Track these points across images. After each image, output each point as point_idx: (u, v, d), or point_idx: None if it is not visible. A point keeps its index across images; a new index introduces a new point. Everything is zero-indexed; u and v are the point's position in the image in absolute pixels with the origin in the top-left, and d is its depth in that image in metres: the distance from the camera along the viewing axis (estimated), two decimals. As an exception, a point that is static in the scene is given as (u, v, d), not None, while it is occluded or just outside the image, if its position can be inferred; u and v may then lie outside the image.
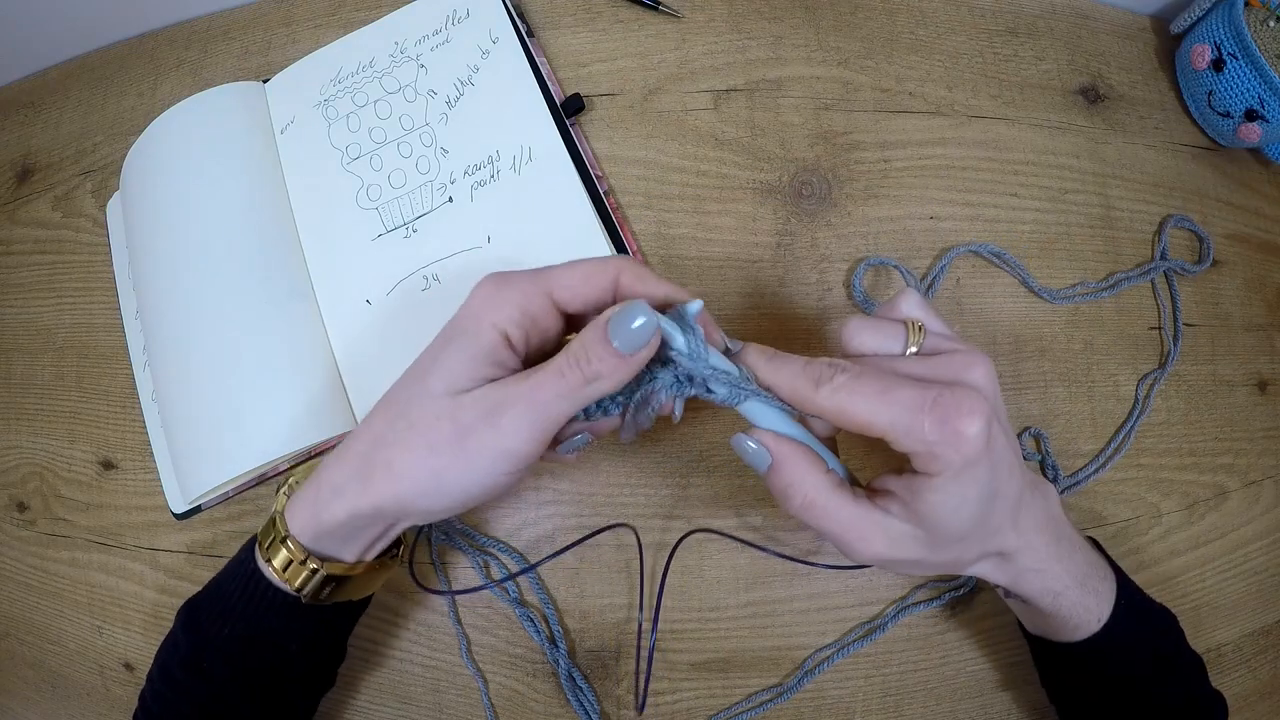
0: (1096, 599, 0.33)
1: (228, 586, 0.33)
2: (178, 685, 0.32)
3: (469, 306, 0.29)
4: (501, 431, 0.27)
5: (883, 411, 0.26)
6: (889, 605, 0.42)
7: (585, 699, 0.41)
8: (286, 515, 0.31)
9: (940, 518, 0.27)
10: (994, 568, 0.31)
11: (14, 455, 0.50)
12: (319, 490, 0.31)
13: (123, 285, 0.49)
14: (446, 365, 0.28)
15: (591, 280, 0.29)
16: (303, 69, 0.48)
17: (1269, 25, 0.43)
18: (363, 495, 0.29)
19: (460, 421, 0.27)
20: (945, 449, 0.25)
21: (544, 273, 0.29)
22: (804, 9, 0.48)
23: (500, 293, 0.28)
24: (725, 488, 0.42)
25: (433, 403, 0.28)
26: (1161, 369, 0.45)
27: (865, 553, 0.28)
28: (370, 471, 0.29)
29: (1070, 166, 0.47)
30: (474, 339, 0.28)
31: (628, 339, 0.26)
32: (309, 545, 0.31)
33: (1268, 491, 0.46)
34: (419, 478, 0.28)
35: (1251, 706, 0.44)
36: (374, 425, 0.30)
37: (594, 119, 0.46)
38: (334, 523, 0.30)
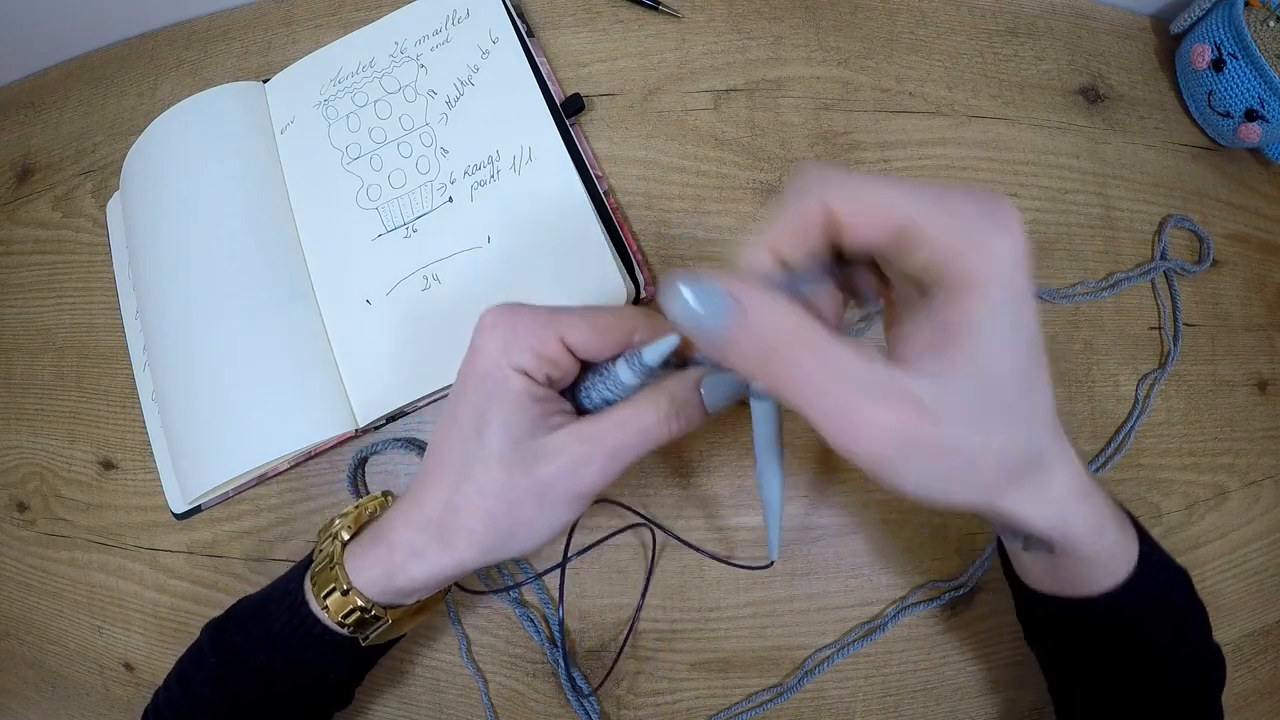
0: (1128, 536, 0.28)
1: (271, 616, 0.33)
2: (201, 701, 0.32)
3: (485, 354, 0.28)
4: (582, 478, 0.28)
5: (914, 198, 0.20)
6: (889, 605, 0.42)
7: (585, 699, 0.41)
8: (349, 568, 0.31)
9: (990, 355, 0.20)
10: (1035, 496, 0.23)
11: (14, 455, 0.50)
12: (391, 551, 0.30)
13: (123, 285, 0.49)
14: (496, 420, 0.28)
15: (606, 336, 0.29)
16: (303, 69, 0.48)
17: (1269, 25, 0.43)
18: (444, 558, 0.29)
19: (539, 476, 0.28)
20: (996, 238, 0.19)
21: (556, 318, 0.28)
22: (804, 9, 0.48)
23: (514, 338, 0.28)
24: (725, 488, 0.42)
25: (500, 462, 0.28)
26: (1161, 369, 0.45)
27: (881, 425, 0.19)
28: (450, 536, 0.29)
29: (1070, 166, 0.47)
30: (508, 388, 0.28)
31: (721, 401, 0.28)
32: (377, 599, 0.31)
33: (1268, 491, 0.46)
34: (502, 532, 0.29)
35: (1251, 706, 0.44)
36: (439, 490, 0.29)
37: (594, 119, 0.46)
38: (411, 585, 0.30)
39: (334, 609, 0.31)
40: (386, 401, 0.42)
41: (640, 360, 0.28)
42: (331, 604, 0.31)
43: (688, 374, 0.28)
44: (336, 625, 0.31)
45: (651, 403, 0.28)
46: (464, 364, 0.29)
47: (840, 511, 0.42)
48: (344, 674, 0.34)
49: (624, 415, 0.28)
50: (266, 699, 0.32)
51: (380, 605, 0.31)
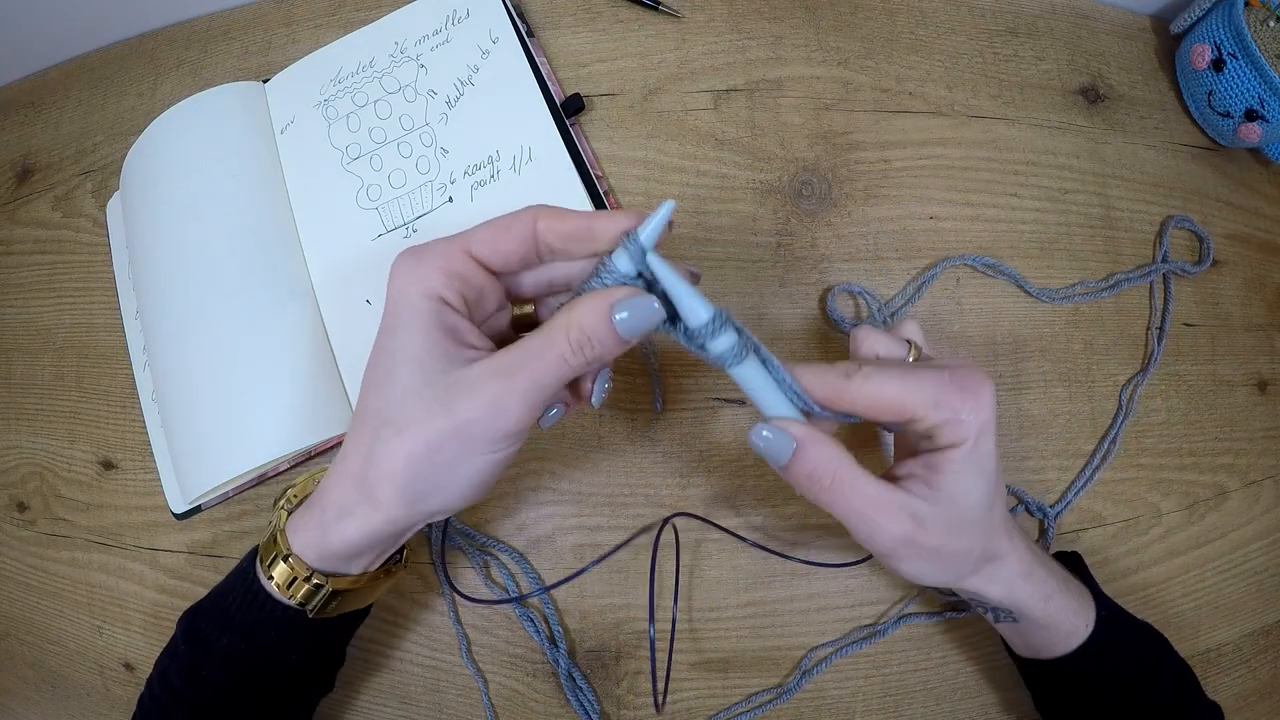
0: (1081, 602, 0.34)
1: (228, 597, 0.33)
2: (176, 692, 0.32)
3: (392, 287, 0.28)
4: (505, 415, 0.27)
5: (912, 390, 0.28)
6: (890, 606, 0.42)
7: (585, 699, 0.41)
8: (288, 533, 0.31)
9: (960, 489, 0.29)
10: (990, 577, 0.32)
11: (14, 455, 0.50)
12: (324, 512, 0.30)
13: (123, 285, 0.49)
14: (406, 354, 0.27)
15: (509, 232, 0.28)
16: (303, 69, 0.48)
17: (1269, 25, 0.43)
18: (373, 513, 0.29)
19: (458, 414, 0.27)
20: (968, 414, 0.28)
21: (460, 234, 0.28)
22: (804, 9, 0.48)
23: (420, 262, 0.28)
24: (725, 488, 0.42)
25: (414, 399, 0.27)
26: (1143, 373, 0.45)
27: (891, 533, 0.28)
28: (373, 489, 0.28)
29: (1070, 166, 0.47)
30: (414, 317, 0.27)
31: (632, 327, 0.26)
32: (313, 564, 0.31)
33: (1268, 491, 0.46)
34: (424, 477, 0.28)
35: (1251, 706, 0.44)
36: (360, 439, 0.29)
37: (594, 119, 0.46)
38: (344, 543, 0.30)
39: (279, 580, 0.31)
40: (386, 401, 0.42)
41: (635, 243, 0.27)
42: (277, 575, 0.31)
43: (599, 295, 0.27)
44: (284, 598, 0.31)
45: (561, 329, 0.27)
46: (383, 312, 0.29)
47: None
48: (303, 653, 0.34)
49: (536, 345, 0.27)
50: (235, 684, 0.32)
51: (321, 571, 0.31)
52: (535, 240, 0.29)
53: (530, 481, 0.43)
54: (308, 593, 0.31)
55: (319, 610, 0.32)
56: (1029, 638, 0.35)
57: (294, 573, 0.31)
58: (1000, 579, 0.32)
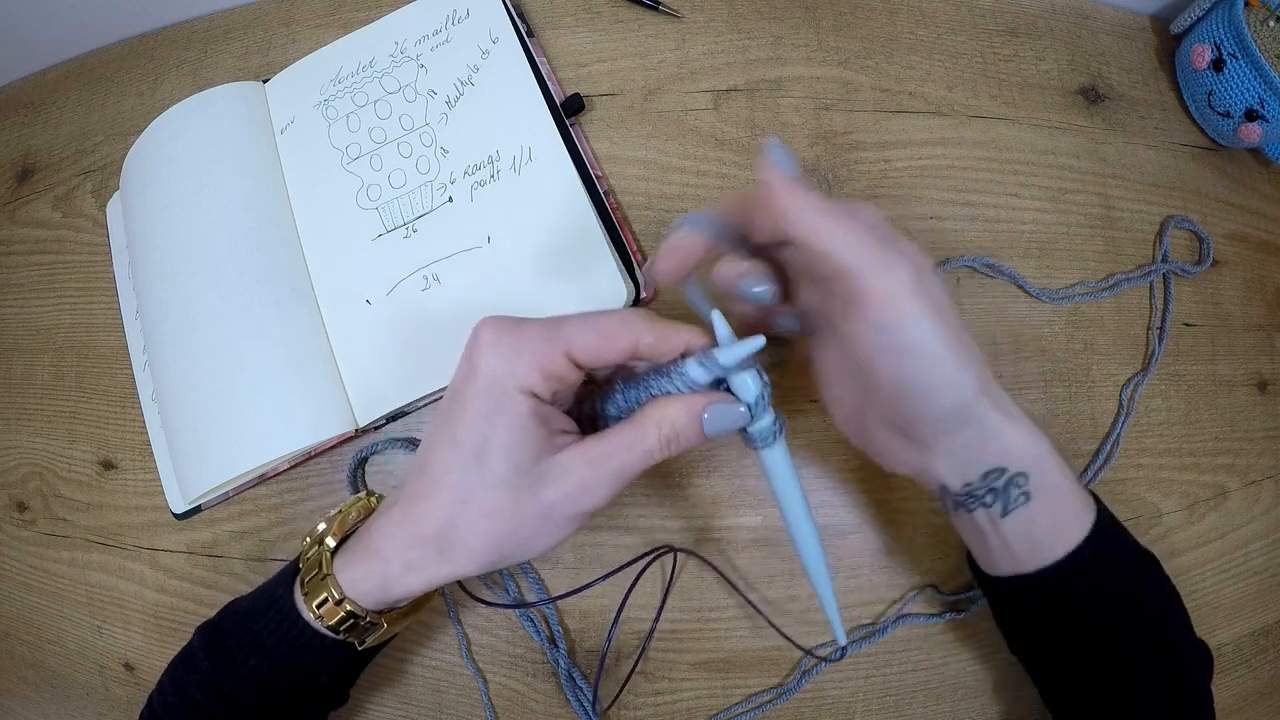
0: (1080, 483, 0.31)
1: (260, 620, 0.33)
2: (194, 704, 0.32)
3: (487, 373, 0.27)
4: (587, 501, 0.28)
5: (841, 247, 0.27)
6: (889, 605, 0.42)
7: (585, 699, 0.41)
8: (340, 578, 0.31)
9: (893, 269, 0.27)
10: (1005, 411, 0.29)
11: (14, 455, 0.50)
12: (386, 566, 0.30)
13: (123, 285, 0.49)
14: (500, 445, 0.27)
15: (613, 344, 0.28)
16: (303, 69, 0.48)
17: (1269, 25, 0.43)
18: (442, 569, 0.29)
19: (545, 500, 0.28)
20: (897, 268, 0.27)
21: (559, 330, 0.28)
22: (804, 9, 0.48)
23: (518, 356, 0.27)
24: (725, 488, 0.42)
25: (503, 486, 0.28)
26: (1143, 372, 0.45)
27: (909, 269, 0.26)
28: (448, 552, 0.29)
29: (1070, 166, 0.47)
30: (513, 410, 0.27)
31: (721, 430, 0.29)
32: (370, 608, 0.31)
33: (1268, 491, 0.46)
34: (503, 550, 0.29)
35: (1251, 706, 0.44)
36: (436, 507, 0.29)
37: (594, 119, 0.46)
38: (408, 594, 0.31)
39: (327, 617, 0.31)
40: (386, 401, 0.42)
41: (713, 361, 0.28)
42: (325, 613, 0.31)
43: (690, 400, 0.29)
44: (328, 631, 0.31)
45: (653, 424, 0.28)
46: (460, 380, 0.28)
47: (840, 512, 0.42)
48: (334, 677, 0.34)
49: (630, 437, 0.28)
50: (259, 702, 0.32)
51: (374, 612, 0.31)
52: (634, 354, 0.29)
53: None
54: (355, 628, 0.31)
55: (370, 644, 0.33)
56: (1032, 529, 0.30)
57: (343, 611, 0.31)
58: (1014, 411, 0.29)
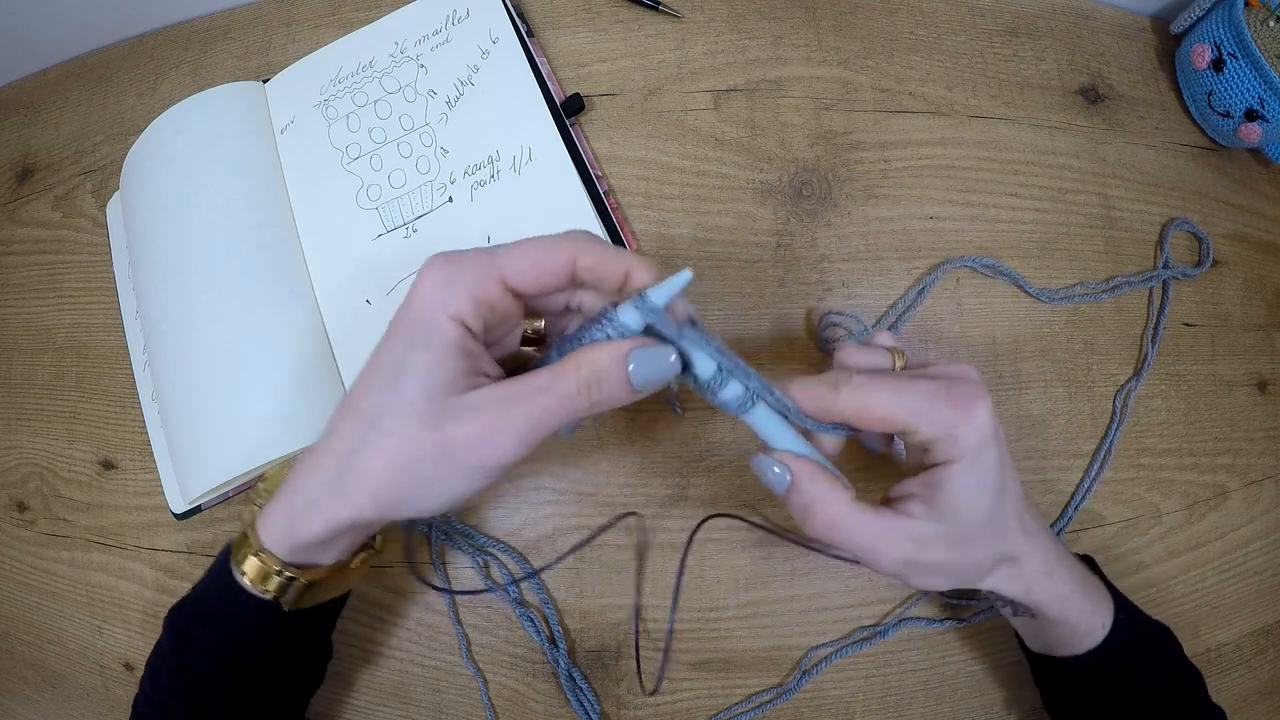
0: (1099, 604, 0.34)
1: (208, 592, 0.33)
2: (166, 690, 0.32)
3: (421, 298, 0.27)
4: (494, 447, 0.26)
5: (903, 402, 0.28)
6: (892, 606, 0.42)
7: (585, 699, 0.41)
8: (259, 527, 0.30)
9: (960, 505, 0.28)
10: (1008, 577, 0.32)
11: (14, 455, 0.50)
12: (291, 503, 0.30)
13: (123, 285, 0.49)
14: (417, 369, 0.27)
15: (547, 263, 0.28)
16: (303, 69, 0.48)
17: (1269, 25, 0.43)
18: (341, 507, 0.28)
19: (448, 434, 0.26)
20: (963, 428, 0.27)
21: (495, 256, 0.28)
22: (804, 9, 0.48)
23: (452, 281, 0.27)
24: (725, 488, 0.42)
25: (411, 412, 0.26)
26: (1136, 377, 0.45)
27: (892, 557, 0.28)
28: (347, 482, 0.28)
29: (1070, 166, 0.47)
30: (437, 337, 0.27)
31: (648, 379, 0.27)
32: (285, 557, 0.30)
33: (1268, 491, 0.46)
34: (401, 486, 0.27)
35: (1251, 706, 0.44)
36: (344, 434, 0.28)
37: (594, 119, 0.46)
38: (311, 535, 0.29)
39: (252, 575, 0.31)
40: (386, 401, 0.42)
41: (646, 302, 0.27)
42: (248, 569, 0.30)
43: (614, 345, 0.27)
44: (260, 592, 0.31)
45: (572, 367, 0.27)
46: (400, 307, 0.28)
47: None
48: (284, 643, 0.33)
49: (542, 380, 0.27)
50: (222, 677, 0.32)
51: (291, 565, 0.30)
52: (571, 274, 0.28)
53: (530, 481, 0.43)
54: (280, 585, 0.31)
55: (294, 603, 0.32)
56: (1044, 634, 0.35)
57: (265, 567, 0.30)
58: (1018, 579, 0.32)
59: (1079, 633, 0.33)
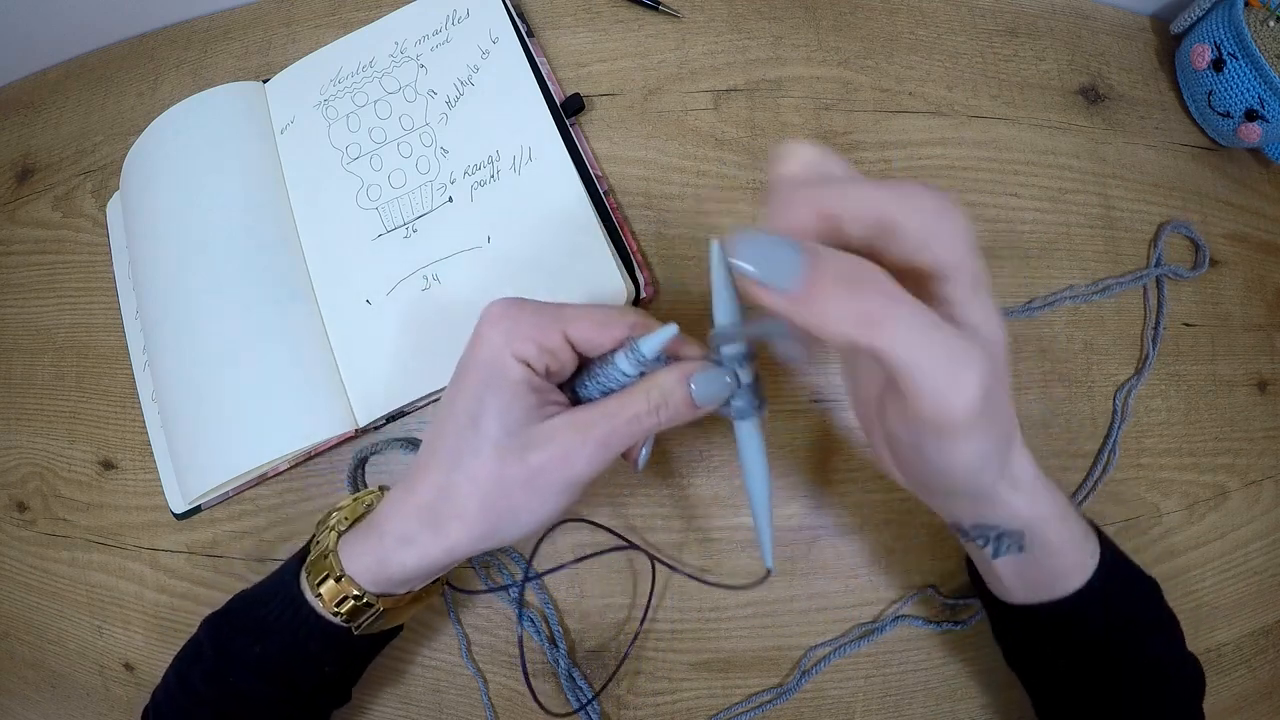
0: (1085, 529, 0.31)
1: (266, 607, 0.33)
2: (197, 695, 0.33)
3: (487, 342, 0.29)
4: (573, 465, 0.28)
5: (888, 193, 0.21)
6: (888, 606, 0.42)
7: (586, 699, 0.41)
8: (342, 555, 0.31)
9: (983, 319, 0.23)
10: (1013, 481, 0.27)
11: (14, 455, 0.50)
12: (383, 539, 0.31)
13: (123, 285, 0.49)
14: (494, 409, 0.29)
15: (606, 330, 0.30)
16: (303, 69, 0.48)
17: (1269, 25, 0.43)
18: (435, 544, 0.30)
19: (531, 462, 0.28)
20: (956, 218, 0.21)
21: (559, 313, 0.30)
22: (804, 9, 0.48)
23: (517, 327, 0.29)
24: (725, 488, 0.42)
25: (494, 449, 0.28)
26: (1137, 376, 0.45)
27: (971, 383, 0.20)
28: (442, 523, 0.30)
29: (1070, 166, 0.47)
30: (507, 378, 0.29)
31: (709, 397, 0.29)
32: (370, 588, 0.31)
33: (1268, 491, 0.46)
34: (494, 519, 0.29)
35: (1251, 706, 0.44)
36: (432, 476, 0.30)
37: (594, 119, 0.46)
38: (402, 570, 0.31)
39: (327, 597, 0.31)
40: (386, 401, 0.42)
41: (638, 351, 0.29)
42: (325, 592, 0.31)
43: (679, 366, 0.29)
44: (330, 615, 0.32)
45: (642, 392, 0.29)
46: (465, 353, 0.30)
47: (840, 511, 0.42)
48: (339, 666, 0.34)
49: (613, 405, 0.29)
50: (262, 693, 0.32)
51: (373, 594, 0.31)
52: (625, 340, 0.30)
53: (530, 481, 0.43)
54: (354, 610, 0.32)
55: (366, 629, 0.33)
56: (1028, 573, 0.31)
57: (344, 591, 0.31)
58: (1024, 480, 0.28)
59: (1068, 564, 0.30)
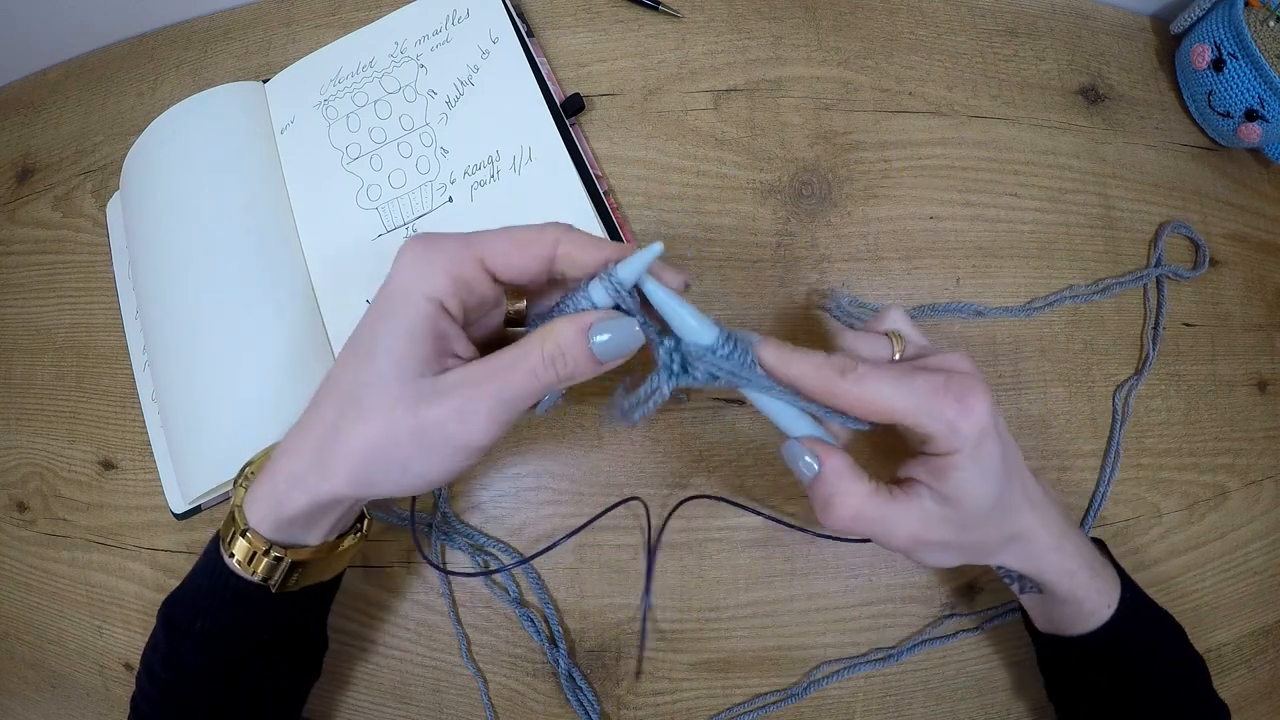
0: (1106, 583, 0.34)
1: (198, 580, 0.33)
2: (160, 683, 0.32)
3: (397, 275, 0.28)
4: (468, 427, 0.27)
5: (905, 395, 0.28)
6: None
7: (585, 699, 0.41)
8: (245, 507, 0.31)
9: (966, 492, 0.28)
10: (1017, 553, 0.32)
11: (14, 455, 0.50)
12: (274, 481, 0.30)
13: (123, 285, 0.49)
14: (390, 346, 0.27)
15: (527, 249, 0.28)
16: (303, 69, 0.48)
17: (1269, 25, 0.43)
18: (322, 483, 0.29)
19: (422, 415, 0.27)
20: (964, 423, 0.27)
21: (475, 239, 0.28)
22: (804, 9, 0.48)
23: (429, 260, 0.27)
24: (725, 488, 0.42)
25: (385, 390, 0.27)
26: (1137, 375, 0.45)
27: (902, 536, 0.29)
28: (327, 460, 0.28)
29: (1070, 166, 0.47)
30: (409, 313, 0.27)
31: (610, 350, 0.27)
32: (270, 536, 0.30)
33: (1268, 491, 0.46)
34: (379, 464, 0.28)
35: (1251, 706, 0.44)
36: (324, 412, 0.29)
37: (594, 119, 0.46)
38: (294, 512, 0.30)
39: (240, 556, 0.31)
40: (386, 401, 0.42)
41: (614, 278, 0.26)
42: (237, 551, 0.31)
43: (577, 317, 0.27)
44: (249, 575, 0.31)
45: (536, 343, 0.27)
46: (379, 288, 0.28)
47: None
48: (275, 632, 0.33)
49: (509, 358, 0.27)
50: (215, 669, 0.32)
51: (279, 544, 0.31)
52: (551, 261, 0.28)
53: (530, 481, 0.43)
54: (268, 566, 0.31)
55: (281, 584, 0.32)
56: (1051, 612, 0.35)
57: (253, 547, 0.31)
58: (1027, 555, 0.32)
59: (1085, 610, 0.33)
